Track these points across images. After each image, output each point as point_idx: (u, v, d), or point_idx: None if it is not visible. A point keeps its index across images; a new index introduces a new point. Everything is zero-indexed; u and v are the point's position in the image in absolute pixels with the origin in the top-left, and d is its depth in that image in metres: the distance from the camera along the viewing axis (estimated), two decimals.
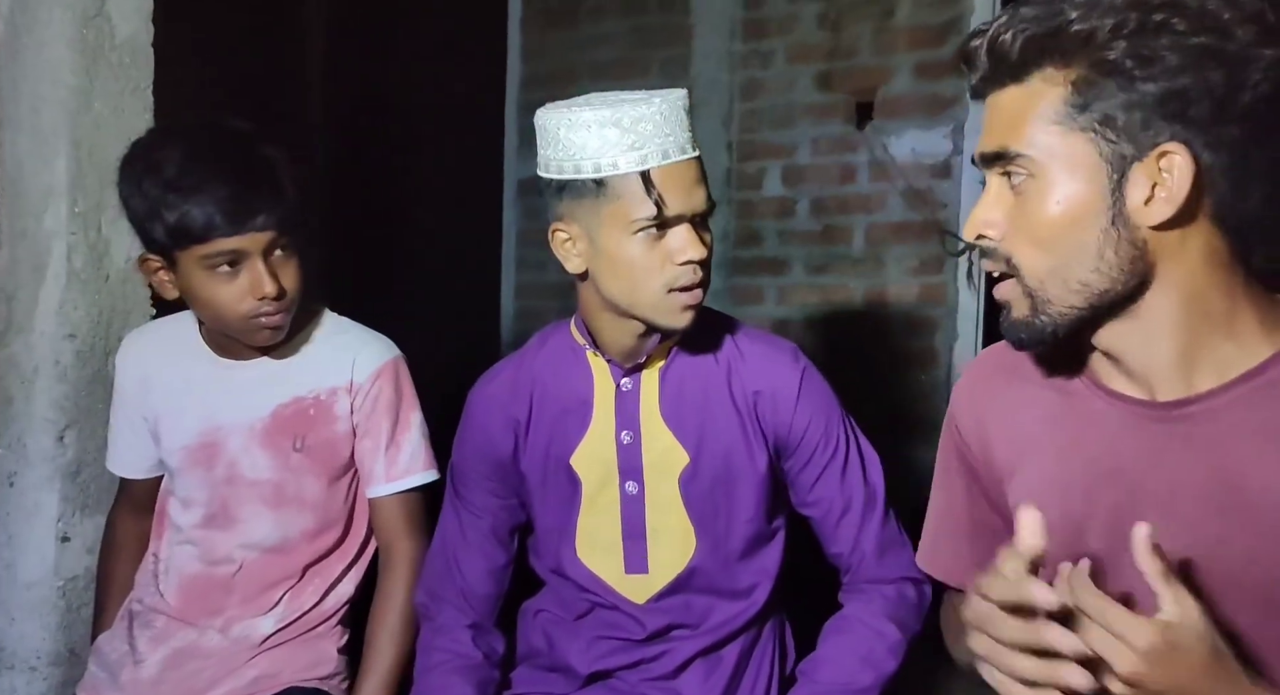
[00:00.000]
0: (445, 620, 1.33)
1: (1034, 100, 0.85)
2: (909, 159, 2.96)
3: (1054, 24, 0.83)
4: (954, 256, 2.92)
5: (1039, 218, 0.86)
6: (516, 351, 1.37)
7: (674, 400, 1.26)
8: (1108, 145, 0.83)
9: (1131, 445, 0.91)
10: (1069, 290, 0.87)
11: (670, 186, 1.13)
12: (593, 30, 3.42)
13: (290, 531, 1.44)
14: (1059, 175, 0.85)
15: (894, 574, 1.25)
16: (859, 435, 1.28)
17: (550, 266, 3.57)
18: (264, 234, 1.30)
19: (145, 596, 1.48)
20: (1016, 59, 0.86)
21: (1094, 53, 0.82)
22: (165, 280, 1.36)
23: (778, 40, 3.14)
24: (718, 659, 1.28)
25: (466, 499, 1.34)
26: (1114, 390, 0.93)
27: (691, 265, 1.15)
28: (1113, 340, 0.90)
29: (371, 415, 1.44)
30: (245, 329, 1.35)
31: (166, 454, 1.46)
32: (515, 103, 3.61)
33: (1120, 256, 0.85)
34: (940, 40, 2.92)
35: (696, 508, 1.25)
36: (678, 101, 1.15)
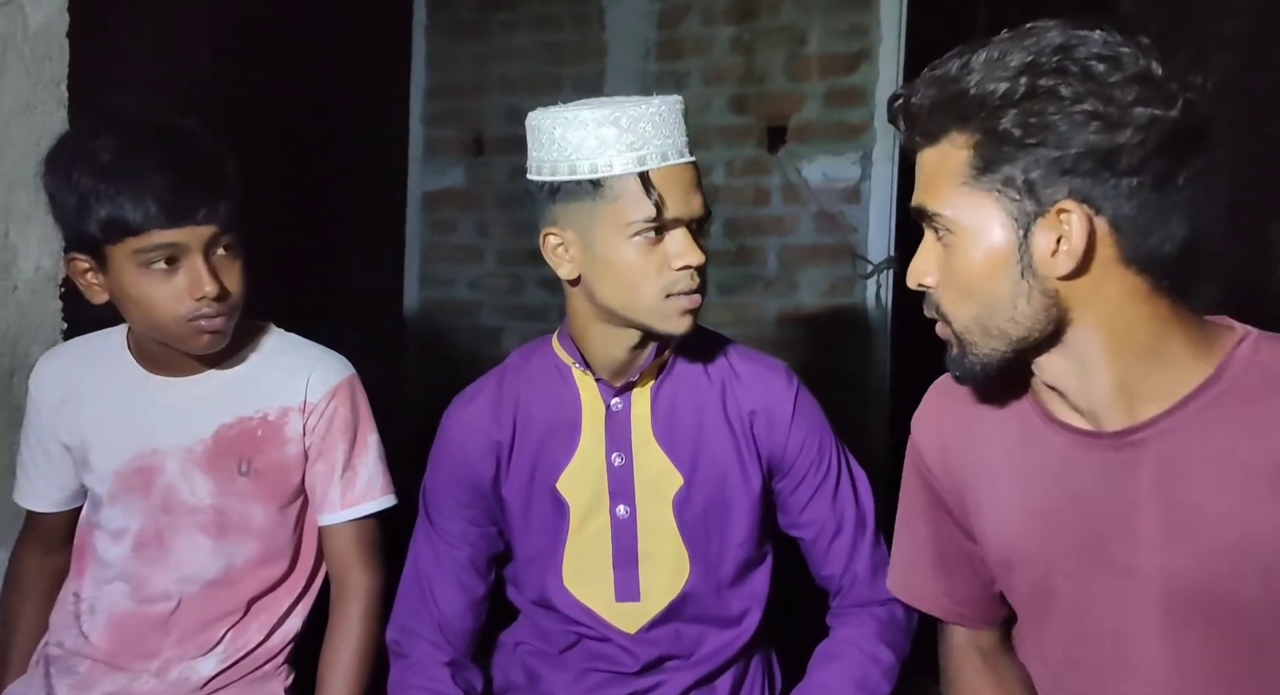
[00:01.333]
0: (420, 657, 1.25)
1: (945, 162, 0.90)
2: (820, 183, 3.02)
3: (956, 89, 0.87)
4: (864, 279, 2.99)
5: (960, 270, 0.91)
6: (494, 370, 1.31)
7: (667, 420, 1.23)
8: (1012, 203, 0.87)
9: (1087, 473, 0.95)
10: (989, 336, 0.92)
11: (669, 189, 1.11)
12: (504, 43, 3.37)
13: (234, 562, 1.34)
14: (972, 232, 0.90)
15: (885, 595, 1.24)
16: (849, 456, 1.28)
17: (459, 283, 3.54)
18: (205, 228, 1.20)
19: (66, 639, 1.35)
20: (925, 123, 0.91)
21: (988, 119, 0.86)
22: (94, 283, 1.24)
23: (692, 62, 3.16)
24: (711, 690, 1.25)
25: (442, 527, 1.27)
26: (1063, 422, 0.97)
27: (689, 270, 1.12)
28: (1052, 375, 0.94)
29: (326, 437, 1.35)
30: (182, 334, 1.24)
31: (95, 481, 1.33)
32: (420, 113, 3.51)
33: (1033, 306, 0.89)
34: (850, 69, 3.00)
35: (690, 531, 1.22)
36: (676, 106, 1.13)
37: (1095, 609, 0.95)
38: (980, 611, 1.10)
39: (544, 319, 3.40)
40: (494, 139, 3.41)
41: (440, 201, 3.50)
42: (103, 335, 1.38)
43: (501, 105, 3.39)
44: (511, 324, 3.44)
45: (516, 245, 3.42)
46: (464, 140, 3.45)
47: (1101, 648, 0.95)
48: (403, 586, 1.31)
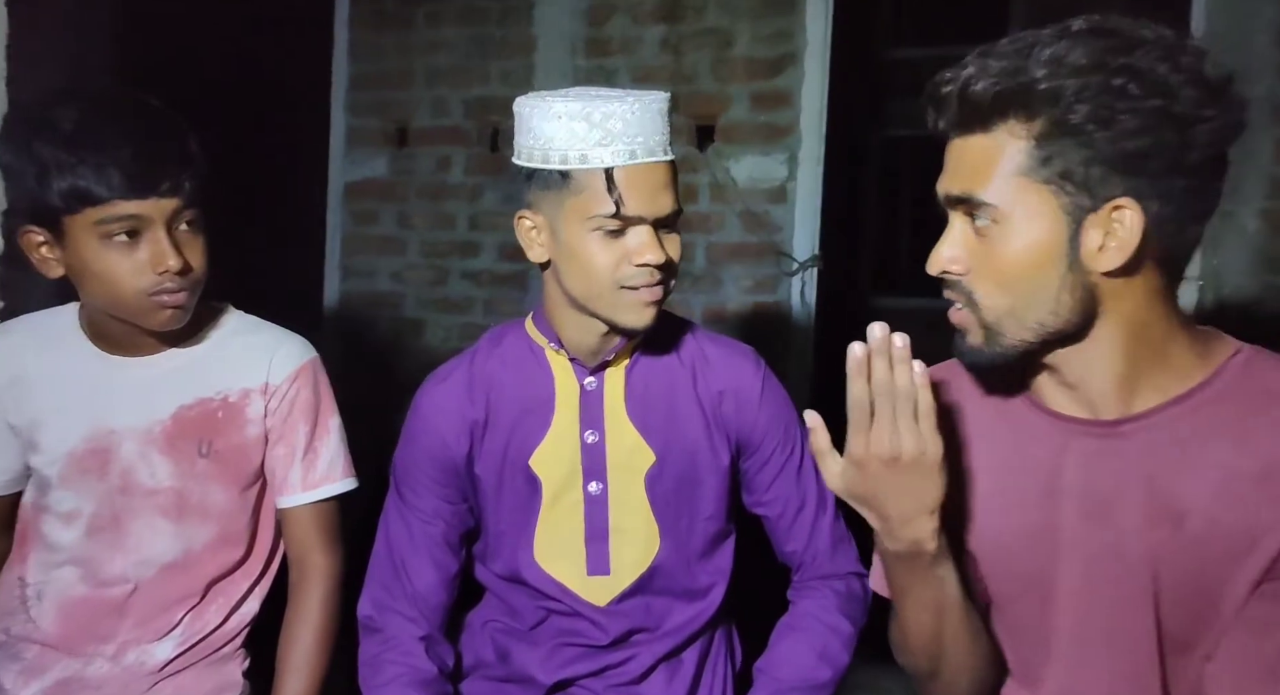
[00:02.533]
0: (395, 632, 1.25)
1: (999, 150, 0.91)
2: (747, 183, 3.09)
3: (1023, 81, 0.88)
4: (789, 277, 3.07)
5: (1002, 261, 0.92)
6: (465, 351, 1.31)
7: (640, 399, 1.25)
8: (1066, 197, 0.89)
9: (1071, 460, 0.98)
10: (1023, 327, 0.93)
11: (633, 187, 1.13)
12: (430, 35, 3.35)
13: (192, 545, 1.31)
14: (1021, 223, 0.91)
15: (844, 569, 1.30)
16: None
17: (380, 274, 3.49)
18: (169, 201, 1.18)
19: (12, 625, 1.30)
20: (986, 109, 0.91)
21: (1058, 111, 0.87)
22: (49, 257, 1.21)
23: (620, 59, 3.19)
24: (678, 663, 1.28)
25: (415, 505, 1.27)
26: (1054, 409, 1.00)
27: (649, 267, 1.15)
28: (1060, 362, 0.97)
29: (287, 419, 1.33)
30: (142, 309, 1.21)
31: (45, 463, 1.28)
32: (342, 103, 3.45)
33: (1074, 299, 0.91)
34: (775, 72, 3.07)
35: (661, 507, 1.25)
36: (653, 104, 1.15)
37: (1063, 594, 0.98)
38: None
39: (467, 312, 3.39)
40: (418, 130, 3.38)
41: (362, 192, 3.45)
42: (50, 314, 1.34)
43: (427, 97, 3.37)
44: (434, 316, 3.42)
45: (440, 237, 3.40)
46: (387, 131, 3.41)
47: (1071, 627, 0.99)
48: (374, 563, 1.30)
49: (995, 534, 1.03)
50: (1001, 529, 1.02)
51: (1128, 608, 0.95)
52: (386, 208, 3.44)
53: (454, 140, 3.35)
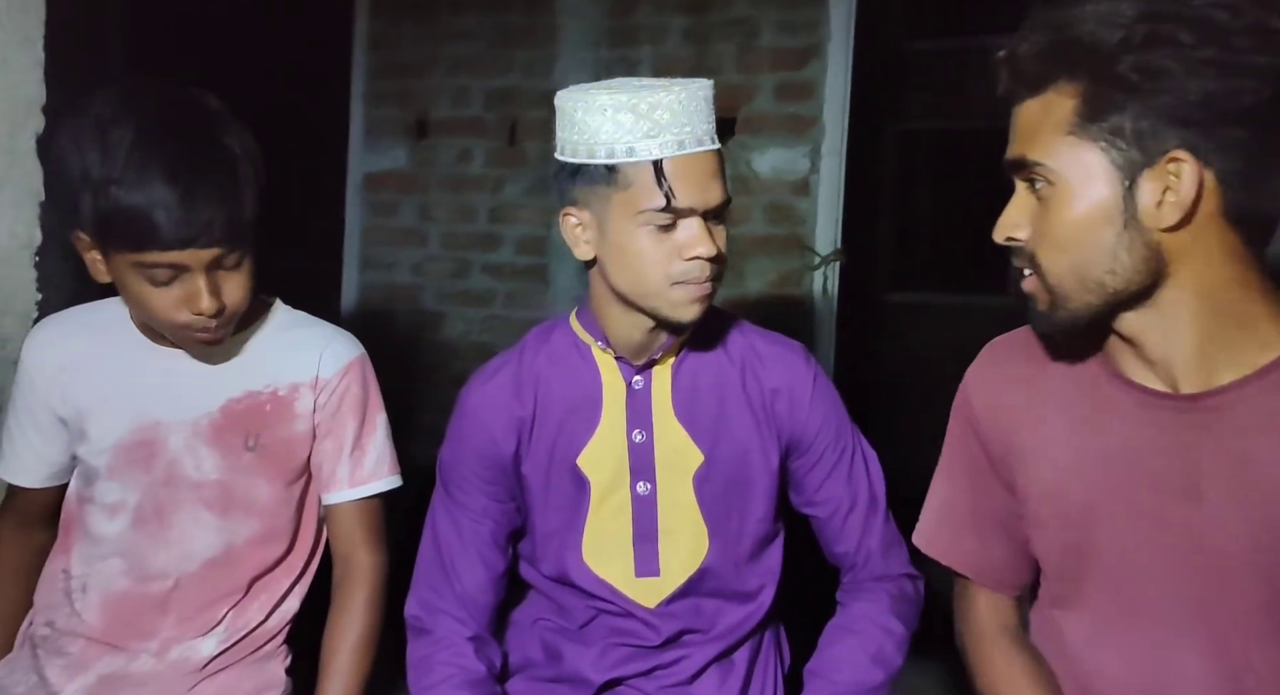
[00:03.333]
0: (444, 633, 1.23)
1: (1049, 112, 0.91)
2: (770, 175, 3.07)
3: (1064, 38, 0.88)
4: (812, 270, 3.05)
5: (1058, 222, 0.92)
6: (511, 348, 1.29)
7: (688, 397, 1.23)
8: (1118, 153, 0.88)
9: (1151, 434, 0.96)
10: (1085, 289, 0.92)
11: (683, 178, 1.10)
12: (451, 24, 3.32)
13: (235, 540, 1.30)
14: (1075, 183, 0.90)
15: (897, 570, 1.28)
16: (860, 436, 1.30)
17: (400, 266, 3.48)
18: (208, 252, 1.14)
19: (56, 618, 1.29)
20: (1034, 71, 0.91)
21: (1102, 66, 0.86)
22: (97, 260, 1.19)
23: (644, 50, 3.17)
24: (730, 664, 1.27)
25: (464, 503, 1.26)
26: (1133, 381, 0.98)
27: (700, 261, 1.12)
28: (1134, 329, 0.95)
29: (336, 415, 1.32)
30: (177, 337, 1.22)
31: (92, 454, 1.27)
32: (361, 94, 3.43)
33: (1134, 257, 0.90)
34: (800, 64, 3.05)
35: (710, 507, 1.23)
36: (699, 92, 1.12)
37: (1138, 567, 0.98)
38: (1008, 573, 1.13)
39: (489, 305, 3.37)
40: (439, 121, 3.36)
41: (381, 183, 3.43)
42: (101, 305, 1.32)
43: (448, 87, 3.35)
44: (455, 309, 3.40)
45: (461, 229, 3.38)
46: (407, 121, 3.39)
47: (1153, 606, 0.98)
48: (421, 562, 1.29)
49: (1071, 505, 1.01)
50: (1081, 502, 1.00)
51: (1214, 586, 0.94)
52: (407, 199, 3.42)
53: (475, 132, 3.32)
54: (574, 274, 3.27)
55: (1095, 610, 1.02)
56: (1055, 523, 1.03)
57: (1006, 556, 1.12)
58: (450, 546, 1.26)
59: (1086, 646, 1.03)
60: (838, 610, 1.29)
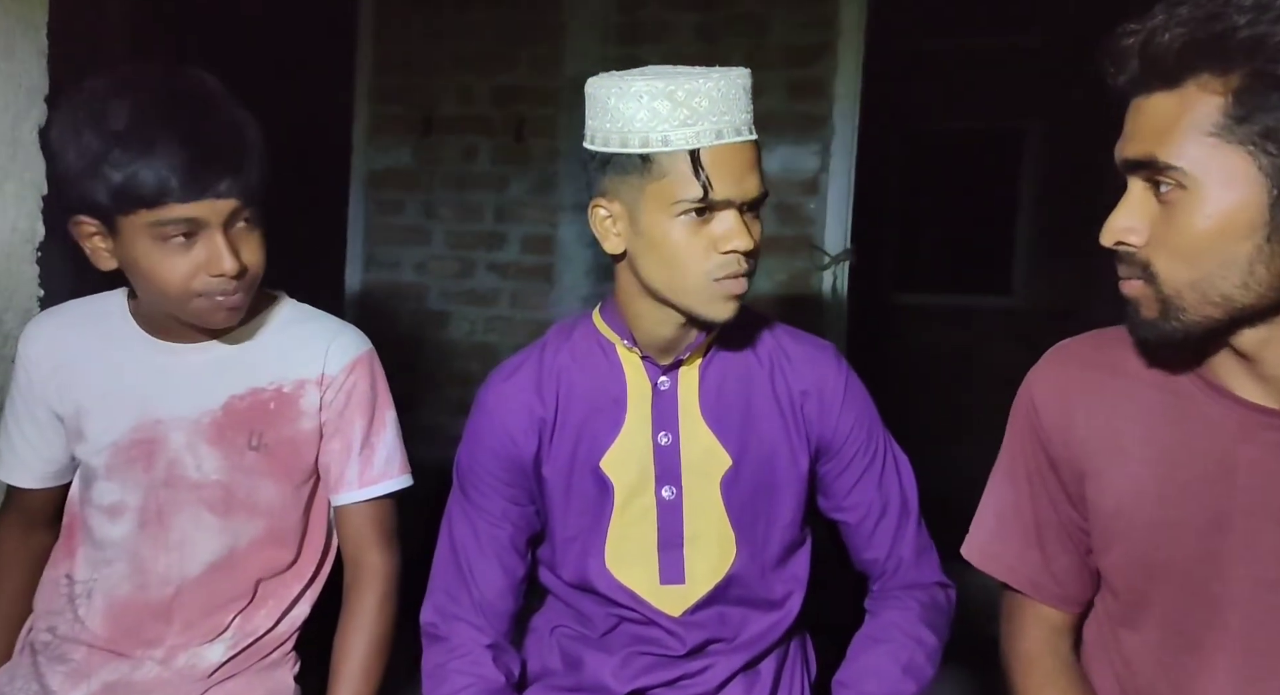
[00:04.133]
0: (461, 640, 1.19)
1: (1188, 108, 0.83)
2: (779, 174, 3.03)
3: (1218, 28, 0.80)
4: (822, 270, 3.02)
5: (1187, 231, 0.84)
6: (532, 345, 1.25)
7: (715, 399, 1.19)
8: (1267, 158, 0.80)
9: (1251, 452, 0.90)
10: (1208, 302, 0.85)
11: (720, 169, 1.05)
12: (456, 19, 3.28)
13: (238, 543, 1.26)
14: (1212, 189, 0.82)
15: (928, 579, 1.24)
16: (892, 440, 1.26)
17: (404, 265, 3.44)
18: (226, 202, 1.11)
19: (58, 625, 1.25)
20: (1173, 63, 0.83)
21: (1261, 62, 0.79)
22: (101, 248, 1.15)
23: (652, 46, 3.13)
24: (755, 674, 1.23)
25: (481, 506, 1.22)
26: (1237, 395, 0.92)
27: (737, 255, 1.08)
28: (1253, 345, 0.89)
29: (344, 413, 1.28)
30: (197, 310, 1.16)
31: (90, 453, 1.23)
32: (366, 90, 3.39)
33: (1271, 273, 0.83)
34: (811, 61, 3.01)
35: (737, 513, 1.19)
36: (738, 80, 1.07)
37: (1220, 592, 0.92)
38: (1073, 587, 1.07)
39: (493, 304, 3.33)
40: (444, 118, 3.32)
41: (385, 181, 3.39)
42: (100, 299, 1.28)
43: (453, 83, 3.31)
44: (460, 309, 3.36)
45: (466, 228, 3.34)
46: (412, 118, 3.35)
47: (1216, 631, 0.93)
48: (437, 566, 1.25)
49: (1149, 522, 0.95)
50: (1159, 519, 0.95)
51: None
52: (411, 197, 3.38)
53: (481, 129, 3.28)
54: (580, 273, 3.24)
55: (1167, 631, 0.97)
56: (1127, 539, 0.98)
57: (1071, 570, 1.06)
58: (467, 551, 1.21)
59: (1156, 668, 0.98)
60: (867, 619, 1.25)
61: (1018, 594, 1.10)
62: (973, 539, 1.12)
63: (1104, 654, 1.05)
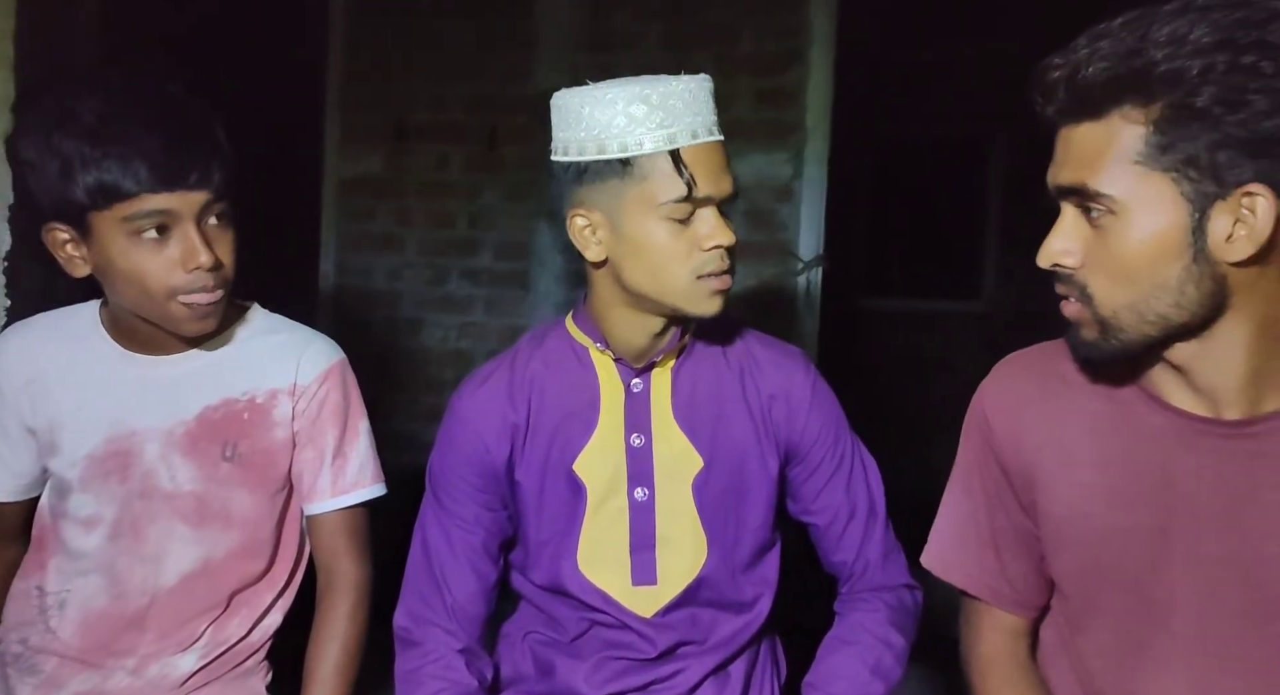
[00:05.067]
0: (434, 646, 1.20)
1: (1113, 138, 0.86)
2: (752, 181, 3.06)
3: (1138, 63, 0.83)
4: (795, 276, 3.04)
5: (1120, 254, 0.88)
6: (505, 353, 1.26)
7: (687, 401, 1.21)
8: (1189, 184, 0.84)
9: (1190, 460, 0.94)
10: (1144, 321, 0.89)
11: (700, 167, 1.08)
12: (428, 28, 3.29)
13: (213, 553, 1.25)
14: (1140, 214, 0.86)
15: (896, 581, 1.26)
16: (859, 443, 1.28)
17: (377, 272, 3.43)
18: (198, 194, 1.12)
19: (30, 636, 1.24)
20: (1098, 95, 0.86)
21: (1180, 95, 0.82)
22: (74, 255, 1.15)
23: (623, 55, 3.15)
24: (726, 676, 1.24)
25: (454, 512, 1.22)
26: (1174, 405, 0.95)
27: (719, 250, 1.10)
28: (1185, 357, 0.92)
29: (316, 422, 1.28)
30: (174, 315, 1.16)
31: (63, 466, 1.23)
32: (337, 99, 3.39)
33: (1200, 291, 0.86)
34: (781, 70, 3.04)
35: (709, 514, 1.20)
36: (705, 83, 1.11)
37: (1165, 595, 0.95)
38: (1024, 594, 1.09)
39: (467, 311, 3.33)
40: (417, 126, 3.32)
41: (358, 189, 3.39)
42: (72, 311, 1.28)
43: (426, 91, 3.31)
44: (433, 316, 3.36)
45: (439, 235, 3.34)
46: (384, 126, 3.35)
47: (1161, 633, 0.96)
48: (410, 572, 1.25)
49: (1096, 528, 0.99)
50: (1106, 525, 0.98)
51: (1254, 620, 0.92)
52: (383, 205, 3.38)
53: (453, 137, 3.29)
54: (554, 280, 3.24)
55: (1117, 633, 1.00)
56: (1077, 545, 1.01)
57: (1026, 576, 1.09)
58: (440, 556, 1.22)
59: (1109, 669, 1.01)
60: (836, 621, 1.27)
61: (976, 600, 1.13)
62: (932, 548, 1.15)
63: (1060, 656, 1.07)
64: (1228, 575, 0.93)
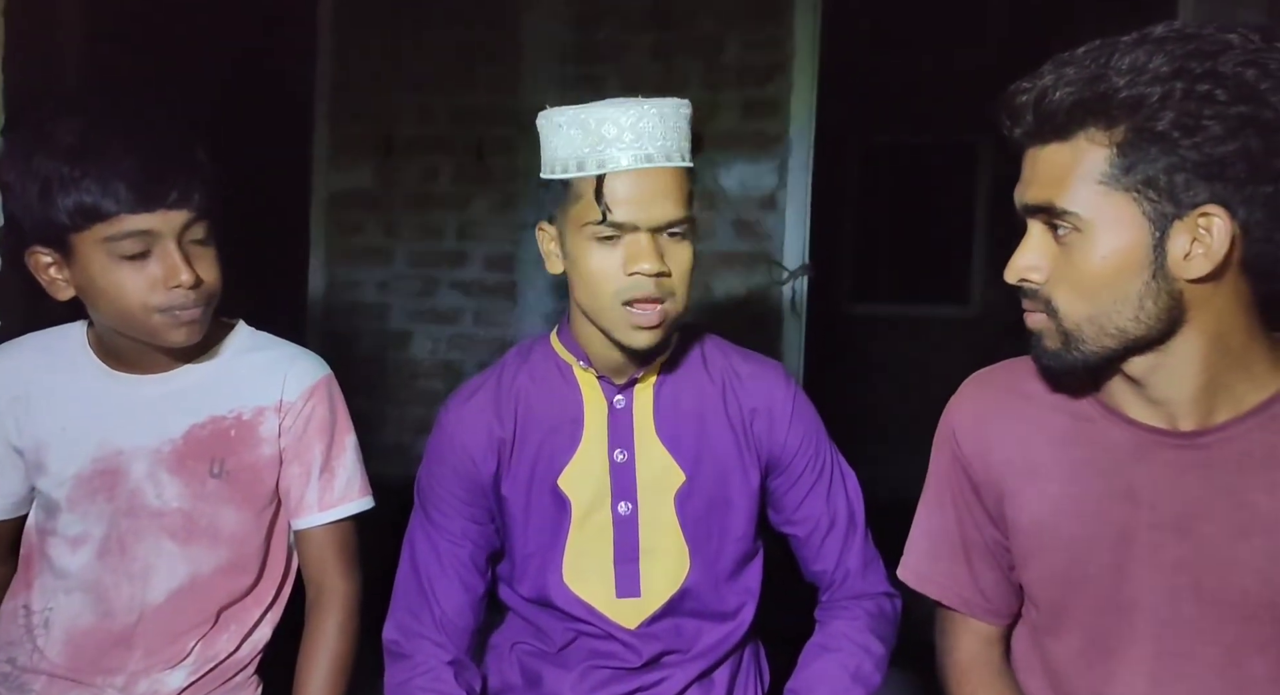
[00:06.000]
0: (423, 658, 1.21)
1: (1078, 158, 0.90)
2: (737, 191, 3.08)
3: (1101, 88, 0.88)
4: (780, 285, 3.06)
5: (1083, 269, 0.92)
6: (491, 367, 1.28)
7: (669, 417, 1.23)
8: (1149, 204, 0.88)
9: (1147, 470, 0.98)
10: (1105, 334, 0.93)
11: (624, 194, 1.09)
12: (414, 41, 3.31)
13: (200, 570, 1.26)
14: (1103, 231, 0.90)
15: (875, 589, 1.28)
16: (839, 454, 1.30)
17: (366, 284, 3.44)
18: (178, 213, 1.14)
19: (18, 655, 1.25)
20: (1063, 119, 0.90)
21: (1140, 119, 0.87)
22: (57, 278, 1.16)
23: (610, 67, 3.17)
24: (710, 683, 1.26)
25: (442, 526, 1.24)
26: (1132, 418, 0.99)
27: (644, 277, 1.11)
28: (1141, 371, 0.96)
29: (302, 438, 1.29)
30: (156, 327, 1.17)
31: (51, 486, 1.24)
32: (325, 112, 3.40)
33: (1158, 306, 0.91)
34: (766, 80, 3.06)
35: (691, 527, 1.22)
36: (662, 109, 1.12)
37: (1130, 599, 0.98)
38: (997, 603, 1.13)
39: (456, 322, 3.35)
40: (404, 138, 3.34)
41: (346, 202, 3.40)
42: (58, 331, 1.29)
43: (413, 104, 3.32)
44: (422, 327, 3.37)
45: (428, 247, 3.36)
46: (371, 139, 3.36)
47: (1126, 637, 0.99)
48: (399, 585, 1.27)
49: (1062, 537, 1.02)
50: (1070, 533, 1.01)
51: (1211, 622, 0.95)
52: (372, 217, 3.39)
53: (441, 149, 3.31)
54: (543, 291, 3.26)
55: (1085, 637, 1.03)
56: (1045, 554, 1.04)
57: (997, 585, 1.12)
58: (429, 570, 1.24)
59: (1079, 672, 1.04)
60: (816, 628, 1.29)
61: (951, 610, 1.16)
62: (906, 561, 1.19)
63: (1032, 660, 1.10)
64: (1185, 580, 0.96)
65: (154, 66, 2.81)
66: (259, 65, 3.35)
